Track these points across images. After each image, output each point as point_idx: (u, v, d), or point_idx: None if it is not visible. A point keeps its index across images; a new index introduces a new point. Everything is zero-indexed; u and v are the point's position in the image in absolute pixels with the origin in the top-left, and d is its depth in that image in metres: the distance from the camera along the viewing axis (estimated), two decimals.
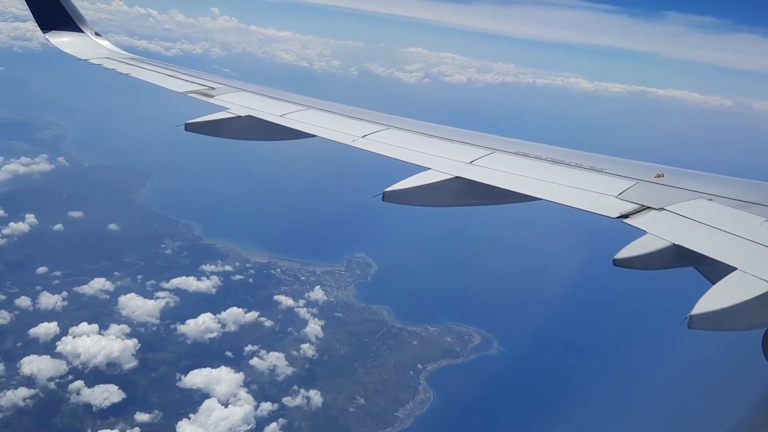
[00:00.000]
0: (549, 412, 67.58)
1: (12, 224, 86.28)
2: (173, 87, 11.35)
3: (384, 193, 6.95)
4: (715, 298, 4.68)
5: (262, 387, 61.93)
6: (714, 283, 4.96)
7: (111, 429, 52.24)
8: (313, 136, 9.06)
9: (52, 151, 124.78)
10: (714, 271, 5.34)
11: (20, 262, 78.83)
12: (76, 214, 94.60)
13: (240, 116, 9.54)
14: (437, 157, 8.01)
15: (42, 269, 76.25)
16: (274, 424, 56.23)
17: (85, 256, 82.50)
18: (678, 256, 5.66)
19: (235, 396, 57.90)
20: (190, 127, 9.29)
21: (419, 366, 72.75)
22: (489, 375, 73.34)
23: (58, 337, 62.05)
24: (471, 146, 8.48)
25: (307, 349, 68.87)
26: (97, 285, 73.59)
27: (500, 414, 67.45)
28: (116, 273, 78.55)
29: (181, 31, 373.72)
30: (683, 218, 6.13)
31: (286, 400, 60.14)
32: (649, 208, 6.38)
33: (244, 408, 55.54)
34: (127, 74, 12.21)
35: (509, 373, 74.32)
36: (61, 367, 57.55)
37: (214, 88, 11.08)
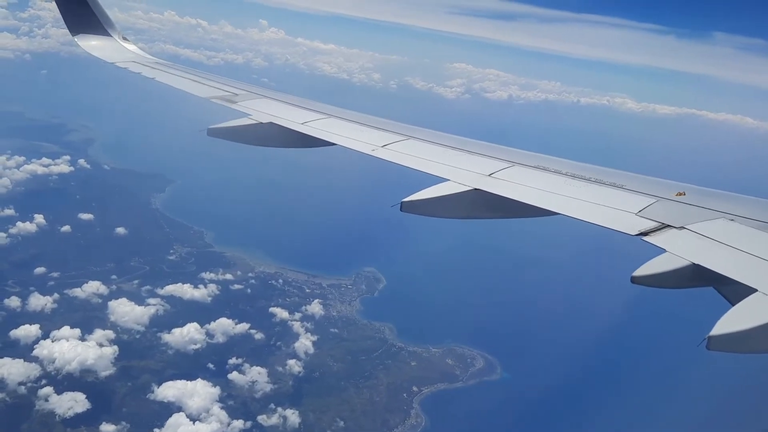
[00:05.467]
0: None
1: (20, 224, 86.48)
2: (197, 92, 11.48)
3: (402, 203, 6.98)
4: (735, 320, 4.65)
5: (239, 403, 59.57)
6: (734, 305, 4.91)
7: None
8: (334, 144, 9.11)
9: (79, 154, 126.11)
10: (734, 292, 5.28)
11: (22, 261, 78.63)
12: (86, 216, 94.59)
13: (262, 123, 9.68)
14: (457, 168, 8.04)
15: (40, 270, 75.82)
16: None
17: (89, 259, 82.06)
18: (697, 276, 5.59)
19: (207, 411, 55.62)
20: (213, 133, 9.42)
21: (414, 389, 69.47)
22: (487, 402, 69.66)
23: (38, 341, 60.93)
24: (491, 159, 8.47)
25: (294, 365, 66.30)
26: (91, 288, 72.63)
27: None
28: (113, 277, 77.62)
29: (228, 41, 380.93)
30: (704, 237, 6.05)
31: (261, 418, 57.62)
32: (669, 226, 6.29)
33: (212, 426, 53.14)
34: (153, 78, 12.40)
35: (509, 402, 70.53)
36: (33, 371, 56.23)
37: (237, 95, 11.24)
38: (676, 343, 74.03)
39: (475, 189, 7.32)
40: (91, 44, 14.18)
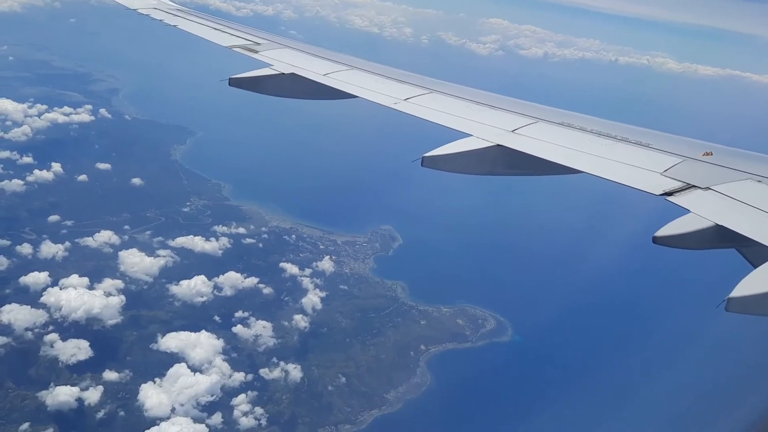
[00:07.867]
0: (551, 411, 62.71)
1: (36, 172, 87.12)
2: (218, 41, 11.31)
3: (423, 158, 6.89)
4: (756, 282, 4.53)
5: (243, 356, 59.77)
6: (756, 267, 4.81)
7: (78, 384, 51.18)
8: (355, 97, 9.00)
9: (101, 103, 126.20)
10: (757, 254, 5.17)
11: (38, 209, 79.39)
12: (104, 166, 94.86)
13: (283, 73, 9.54)
14: (480, 123, 7.91)
15: (54, 218, 76.43)
16: (242, 396, 53.94)
17: (104, 209, 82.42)
18: (720, 237, 5.51)
19: (210, 363, 55.86)
20: (234, 82, 9.31)
21: (422, 347, 68.98)
22: (495, 364, 69.01)
23: (47, 288, 61.59)
24: (515, 114, 8.34)
25: (300, 320, 66.14)
26: (103, 238, 73.00)
27: (497, 406, 63.25)
28: (126, 227, 77.92)
29: None
30: (729, 199, 5.93)
31: (263, 371, 57.79)
32: (694, 186, 6.19)
33: (212, 378, 53.35)
34: (175, 26, 12.24)
35: (517, 364, 69.89)
36: (40, 318, 56.89)
37: (259, 44, 11.08)
38: (696, 304, 72.01)
39: (498, 145, 7.20)
40: None
